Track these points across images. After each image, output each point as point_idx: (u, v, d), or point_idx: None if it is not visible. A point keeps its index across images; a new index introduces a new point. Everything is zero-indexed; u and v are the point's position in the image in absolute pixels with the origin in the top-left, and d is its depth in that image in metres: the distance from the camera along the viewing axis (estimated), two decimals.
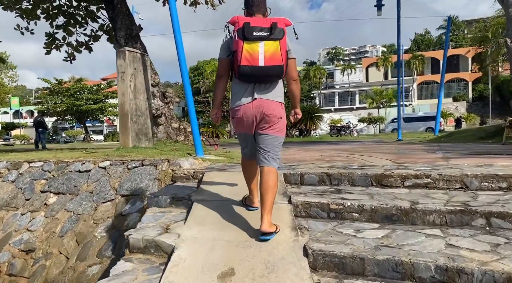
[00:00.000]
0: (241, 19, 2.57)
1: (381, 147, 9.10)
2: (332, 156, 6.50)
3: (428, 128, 38.87)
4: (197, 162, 5.29)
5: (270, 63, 2.52)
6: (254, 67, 2.52)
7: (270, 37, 2.50)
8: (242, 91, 2.68)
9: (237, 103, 2.70)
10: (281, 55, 2.53)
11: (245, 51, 2.50)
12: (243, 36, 2.50)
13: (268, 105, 2.64)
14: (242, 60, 2.51)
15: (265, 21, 2.56)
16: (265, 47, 2.51)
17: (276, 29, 2.52)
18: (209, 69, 27.61)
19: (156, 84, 9.54)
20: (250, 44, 2.50)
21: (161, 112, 9.36)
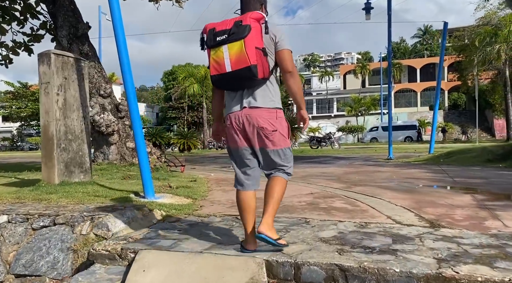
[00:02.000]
0: (209, 26, 2.40)
1: (378, 173, 7.68)
2: (326, 194, 5.00)
3: (407, 137, 38.28)
4: (140, 215, 3.67)
5: (237, 66, 2.26)
6: (223, 75, 2.31)
7: (231, 38, 2.27)
8: (231, 99, 2.47)
9: (228, 111, 2.48)
10: (247, 55, 2.23)
11: (212, 59, 2.34)
12: (207, 44, 2.37)
13: (258, 116, 2.36)
14: (211, 70, 2.35)
15: (230, 22, 2.33)
16: (229, 50, 2.28)
17: (239, 27, 2.27)
18: (182, 75, 25.88)
19: (108, 94, 7.84)
20: (215, 50, 2.33)
21: (113, 129, 7.66)
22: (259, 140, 2.39)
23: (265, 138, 2.37)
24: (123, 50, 4.41)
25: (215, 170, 9.47)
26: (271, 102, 2.39)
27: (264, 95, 2.38)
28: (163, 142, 19.13)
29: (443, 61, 11.94)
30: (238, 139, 2.42)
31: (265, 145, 2.39)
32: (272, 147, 2.39)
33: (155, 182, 6.35)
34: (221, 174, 8.22)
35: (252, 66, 2.23)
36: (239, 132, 2.40)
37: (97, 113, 7.53)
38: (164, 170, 8.01)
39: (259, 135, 2.37)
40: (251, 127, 2.37)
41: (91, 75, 7.77)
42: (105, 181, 6.27)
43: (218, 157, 16.12)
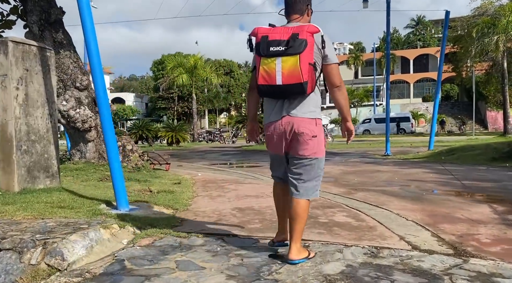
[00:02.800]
0: (261, 31, 2.32)
1: (377, 173, 7.14)
2: (325, 202, 4.43)
3: (400, 129, 37.93)
4: (106, 235, 3.07)
5: (288, 81, 2.22)
6: (272, 86, 2.27)
7: (287, 52, 2.20)
8: (271, 107, 2.44)
9: (267, 120, 2.46)
10: (301, 71, 2.20)
11: (262, 69, 2.28)
12: (259, 52, 2.29)
13: (298, 122, 2.34)
14: (259, 79, 2.29)
15: (285, 32, 2.25)
16: (282, 63, 2.22)
17: (296, 41, 2.20)
18: (170, 65, 25.04)
19: (85, 87, 7.16)
20: (267, 60, 2.26)
21: (89, 125, 7.00)
22: (297, 146, 2.38)
23: (303, 143, 2.36)
24: (90, 34, 3.76)
25: (203, 168, 8.87)
26: (312, 113, 2.38)
27: (305, 106, 2.36)
28: (150, 135, 18.45)
29: (444, 51, 11.39)
30: (278, 146, 2.45)
31: (302, 151, 2.38)
32: (308, 153, 2.38)
33: (134, 186, 5.75)
34: (209, 174, 7.63)
35: (304, 82, 2.22)
36: (279, 140, 2.42)
37: (72, 108, 6.86)
38: (147, 169, 7.39)
39: (297, 141, 2.36)
40: (291, 134, 2.36)
41: (66, 65, 7.09)
42: (78, 185, 5.65)
43: (208, 152, 15.51)
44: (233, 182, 6.26)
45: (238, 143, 23.99)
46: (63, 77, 7.06)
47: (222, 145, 20.72)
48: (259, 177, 6.96)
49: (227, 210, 4.07)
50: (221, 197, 4.90)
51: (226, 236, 3.09)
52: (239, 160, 10.98)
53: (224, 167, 9.15)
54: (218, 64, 63.00)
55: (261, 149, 15.58)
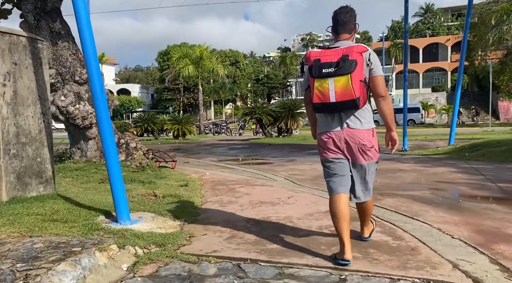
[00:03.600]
0: (313, 55, 2.56)
1: (400, 172, 6.62)
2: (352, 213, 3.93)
3: (409, 120, 37.14)
4: (103, 259, 2.61)
5: (341, 98, 2.45)
6: (326, 104, 2.50)
7: (338, 72, 2.43)
8: (330, 119, 2.63)
9: (326, 129, 2.65)
10: (353, 89, 2.43)
11: (316, 89, 2.50)
12: (312, 74, 2.50)
13: (358, 134, 2.58)
14: (314, 98, 2.53)
15: (336, 54, 2.48)
16: (334, 83, 2.45)
17: (346, 62, 2.42)
18: (176, 56, 24.43)
19: (85, 81, 6.68)
20: (320, 81, 2.48)
21: (90, 121, 6.53)
22: (359, 155, 2.60)
23: (364, 153, 2.60)
24: (84, 22, 3.26)
25: (211, 165, 8.39)
26: (368, 124, 2.61)
27: (363, 118, 2.57)
28: (156, 128, 17.99)
29: (466, 39, 10.70)
30: (337, 152, 2.63)
31: (362, 159, 2.61)
32: (366, 161, 2.62)
33: (138, 189, 5.29)
34: (218, 173, 7.14)
35: (356, 98, 2.43)
36: (338, 148, 2.62)
37: (71, 103, 6.38)
38: (152, 168, 6.93)
39: (358, 151, 2.59)
40: (352, 144, 2.58)
41: (64, 58, 6.60)
42: (77, 188, 5.20)
43: (215, 146, 15.02)
44: (244, 184, 5.77)
45: (245, 135, 23.51)
46: (62, 70, 6.58)
47: (229, 138, 20.24)
48: (271, 177, 6.47)
49: (241, 223, 3.58)
50: (233, 204, 4.42)
51: (243, 261, 2.61)
52: (248, 156, 10.49)
53: (233, 163, 8.67)
54: (224, 55, 62.33)
55: (269, 143, 15.08)
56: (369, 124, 2.61)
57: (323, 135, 2.66)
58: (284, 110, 16.10)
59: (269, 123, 16.32)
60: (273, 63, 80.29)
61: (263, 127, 17.20)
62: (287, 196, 4.77)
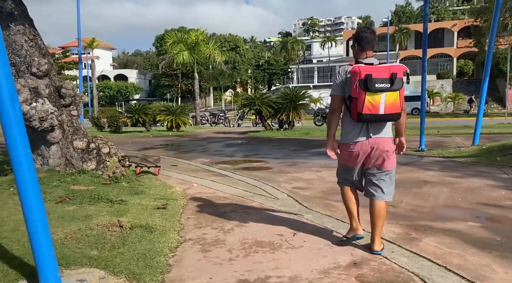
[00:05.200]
0: (363, 70, 2.74)
1: (426, 187, 5.47)
2: (380, 268, 2.80)
3: (414, 109, 35.86)
4: None
5: (390, 111, 2.77)
6: (375, 115, 2.77)
7: (392, 88, 2.72)
8: (358, 129, 2.93)
9: (353, 140, 2.95)
10: (400, 103, 2.80)
11: (367, 101, 2.72)
12: (366, 88, 2.71)
13: (383, 142, 2.92)
14: (364, 109, 2.74)
15: (385, 71, 2.73)
16: (386, 97, 2.73)
17: (397, 80, 2.73)
18: (170, 41, 22.89)
19: (44, 73, 5.48)
20: (372, 95, 2.71)
21: (51, 123, 5.34)
22: (381, 160, 2.95)
23: (387, 158, 2.95)
24: None
25: (202, 170, 7.23)
26: (390, 133, 3.00)
27: (387, 128, 2.97)
28: (148, 119, 16.76)
29: (497, 22, 9.36)
30: (359, 160, 2.99)
31: (383, 165, 2.96)
32: (390, 166, 2.98)
33: (101, 214, 4.12)
34: (208, 183, 5.99)
35: (401, 111, 2.86)
36: (362, 156, 2.96)
37: (26, 101, 5.18)
38: (127, 179, 5.78)
39: (381, 157, 2.93)
40: (377, 151, 2.92)
41: (18, 44, 5.39)
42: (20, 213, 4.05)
43: (210, 140, 13.83)
44: (238, 205, 4.64)
45: (244, 125, 22.31)
46: (15, 60, 5.37)
47: (227, 130, 19.03)
48: (271, 193, 5.31)
49: None
50: (219, 246, 3.29)
51: None
52: (245, 155, 9.32)
53: (227, 168, 7.51)
54: (223, 39, 60.58)
55: (269, 137, 13.90)
56: (390, 133, 2.99)
57: (350, 145, 2.97)
58: (286, 101, 14.85)
59: (270, 115, 15.11)
60: (274, 49, 78.51)
61: (263, 119, 15.99)
62: (292, 230, 3.63)
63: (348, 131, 2.98)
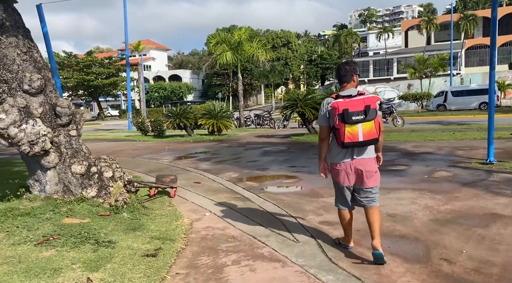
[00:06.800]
0: (341, 105, 3.22)
1: (495, 219, 4.18)
2: None
3: (482, 103, 32.53)
4: None
5: (368, 137, 3.21)
6: (355, 142, 3.24)
7: (366, 119, 3.17)
8: (344, 152, 3.40)
9: (339, 161, 3.43)
10: (376, 130, 3.22)
11: (347, 132, 3.20)
12: (344, 121, 3.19)
13: (366, 163, 3.39)
14: (346, 138, 3.22)
15: (360, 104, 3.19)
16: (363, 127, 3.19)
17: (370, 111, 3.16)
18: (213, 41, 22.37)
19: (37, 90, 4.90)
20: (351, 126, 3.19)
21: (42, 147, 4.75)
22: (365, 179, 3.39)
23: (370, 177, 3.40)
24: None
25: (225, 191, 6.38)
26: (372, 153, 3.44)
27: (370, 149, 3.41)
28: (189, 124, 16.29)
29: None
30: (348, 179, 3.45)
31: (367, 183, 3.40)
32: (373, 184, 3.43)
33: (77, 265, 3.42)
34: (223, 213, 5.12)
35: (379, 136, 3.28)
36: (350, 175, 3.43)
37: (14, 123, 4.62)
38: (131, 208, 5.07)
39: (365, 176, 3.38)
40: (360, 171, 3.38)
41: (10, 59, 4.85)
42: None
43: (249, 147, 12.97)
44: (243, 255, 3.71)
45: (290, 125, 21.26)
46: (6, 76, 4.84)
47: (270, 133, 18.08)
48: (292, 230, 4.32)
49: None
50: None
51: None
52: (280, 168, 8.35)
53: (254, 187, 6.62)
54: (275, 36, 59.55)
55: (311, 143, 12.75)
56: (373, 153, 3.45)
57: (337, 165, 3.46)
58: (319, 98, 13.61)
59: (314, 117, 13.94)
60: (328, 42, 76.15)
61: (306, 122, 14.86)
62: None
63: (335, 153, 3.46)
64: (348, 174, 3.40)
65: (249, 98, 58.26)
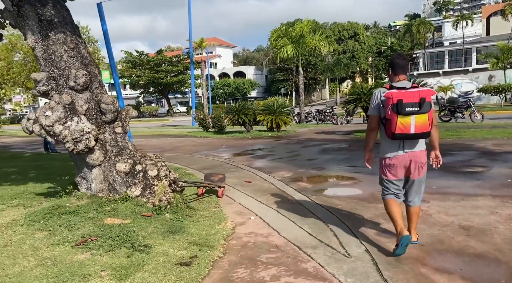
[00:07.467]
0: (395, 95, 3.14)
1: None
2: None
3: None
4: None
5: (420, 131, 3.18)
6: (407, 134, 3.19)
7: (420, 112, 3.12)
8: (396, 145, 3.37)
9: (392, 155, 3.39)
10: (429, 124, 3.19)
11: (399, 123, 3.14)
12: (397, 111, 3.12)
13: (418, 155, 3.36)
14: (397, 130, 3.16)
15: (414, 96, 3.13)
16: (416, 119, 3.14)
17: (424, 104, 3.12)
18: (274, 35, 21.95)
19: (83, 86, 4.84)
20: (403, 117, 3.13)
21: (86, 144, 4.68)
22: (417, 171, 3.38)
23: (421, 168, 3.39)
24: None
25: (275, 192, 5.97)
26: (423, 146, 3.40)
27: (421, 142, 3.38)
28: (247, 120, 16.08)
29: None
30: (401, 172, 3.42)
31: (419, 174, 3.40)
32: (422, 175, 3.43)
33: (106, 271, 3.25)
34: (269, 217, 4.71)
35: (430, 130, 3.24)
36: (399, 169, 3.40)
37: (59, 121, 4.60)
38: (174, 208, 4.85)
39: (417, 168, 3.37)
40: (414, 163, 3.35)
41: (58, 55, 4.83)
42: (26, 261, 3.40)
43: (307, 143, 12.42)
44: (285, 270, 3.28)
45: (354, 121, 20.24)
46: (54, 73, 4.83)
47: (332, 129, 17.28)
48: (343, 241, 3.81)
49: None
50: None
51: None
52: (337, 169, 7.75)
53: (307, 188, 6.14)
54: (341, 28, 57.66)
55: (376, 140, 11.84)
56: (424, 146, 3.40)
57: (388, 159, 3.42)
58: None
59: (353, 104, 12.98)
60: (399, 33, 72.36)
61: None
62: None
63: (386, 147, 3.43)
64: (398, 168, 3.38)
65: (313, 93, 57.09)
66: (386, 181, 3.48)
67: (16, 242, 3.93)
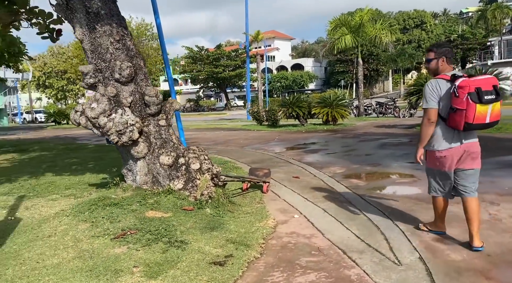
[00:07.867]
0: (472, 84, 2.98)
1: None
2: None
3: None
4: None
5: (493, 119, 3.05)
6: (481, 124, 3.05)
7: (497, 99, 3.01)
8: (451, 136, 3.22)
9: (447, 146, 3.24)
10: (500, 112, 3.07)
11: (478, 113, 2.97)
12: (478, 100, 2.96)
13: (473, 145, 3.24)
14: (475, 119, 2.99)
15: (488, 83, 3.01)
16: (492, 107, 3.00)
17: (498, 90, 3.02)
18: (332, 25, 21.13)
19: (128, 78, 4.83)
20: (482, 106, 2.97)
21: (130, 137, 4.67)
22: (471, 162, 3.24)
23: (476, 158, 3.26)
24: None
25: (324, 188, 5.62)
26: (476, 136, 3.28)
27: (475, 133, 3.26)
28: (302, 113, 15.66)
29: None
30: (452, 165, 3.26)
31: (474, 165, 3.25)
32: (477, 166, 3.27)
33: (139, 267, 3.16)
34: (314, 216, 4.41)
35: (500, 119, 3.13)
36: (454, 161, 3.24)
37: (104, 113, 4.62)
38: (215, 203, 4.70)
39: (472, 158, 3.24)
40: (468, 154, 3.22)
41: (104, 48, 4.86)
42: (65, 252, 3.42)
43: (364, 138, 11.79)
44: (325, 276, 2.97)
45: (418, 114, 18.99)
46: (101, 66, 4.87)
47: (393, 122, 16.34)
48: (394, 246, 3.41)
49: None
50: None
51: None
52: (395, 164, 7.18)
53: (359, 185, 5.73)
54: (406, 16, 54.69)
55: None
56: (476, 137, 3.28)
57: (444, 151, 3.26)
58: None
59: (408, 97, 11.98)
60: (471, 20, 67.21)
61: None
62: None
63: (441, 139, 3.27)
64: (453, 160, 3.24)
65: (375, 85, 54.86)
66: (438, 177, 3.39)
67: (60, 233, 4.00)
